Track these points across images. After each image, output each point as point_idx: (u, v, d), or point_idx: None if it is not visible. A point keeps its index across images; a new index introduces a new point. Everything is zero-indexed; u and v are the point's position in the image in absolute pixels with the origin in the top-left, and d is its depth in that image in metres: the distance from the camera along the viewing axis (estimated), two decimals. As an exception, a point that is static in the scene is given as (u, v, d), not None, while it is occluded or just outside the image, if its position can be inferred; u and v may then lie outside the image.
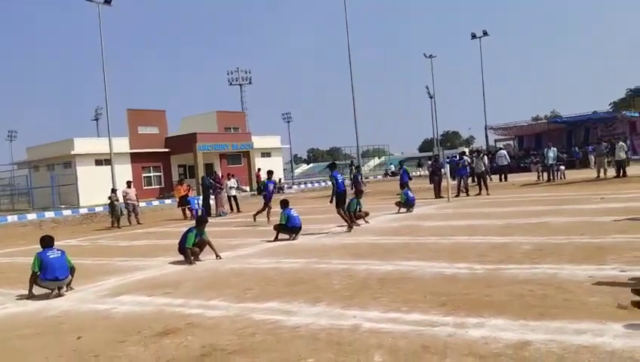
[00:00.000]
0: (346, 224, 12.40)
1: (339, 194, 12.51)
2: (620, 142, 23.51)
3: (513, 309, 5.12)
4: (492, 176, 25.36)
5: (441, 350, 4.22)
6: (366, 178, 43.45)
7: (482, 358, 3.97)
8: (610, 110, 53.05)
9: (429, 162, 21.66)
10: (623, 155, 22.63)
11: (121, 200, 20.17)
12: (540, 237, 9.15)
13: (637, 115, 38.35)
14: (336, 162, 21.08)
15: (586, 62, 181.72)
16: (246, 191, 41.83)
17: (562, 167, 25.86)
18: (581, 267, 6.64)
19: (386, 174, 55.76)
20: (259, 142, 49.34)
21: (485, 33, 50.31)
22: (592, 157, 29.89)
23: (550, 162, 24.36)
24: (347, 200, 13.25)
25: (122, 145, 40.09)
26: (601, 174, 22.83)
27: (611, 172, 23.02)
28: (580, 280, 6.00)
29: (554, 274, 6.37)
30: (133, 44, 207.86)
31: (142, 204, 25.17)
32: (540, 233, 9.64)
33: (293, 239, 11.64)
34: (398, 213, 15.53)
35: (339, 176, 12.78)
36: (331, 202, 12.62)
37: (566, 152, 33.80)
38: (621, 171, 22.35)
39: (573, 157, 33.79)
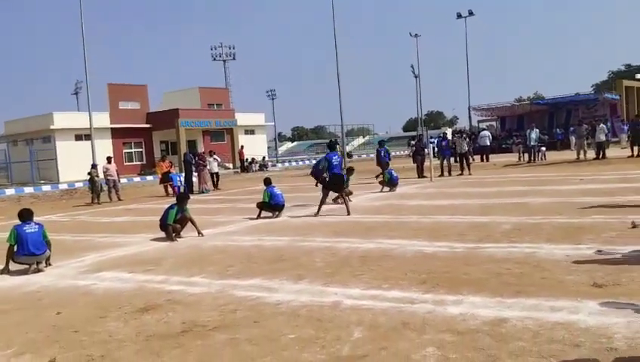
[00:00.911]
0: (317, 210, 11.52)
1: (333, 177, 11.58)
2: (601, 125, 23.80)
3: (491, 287, 5.20)
4: (474, 157, 25.58)
5: (420, 326, 4.28)
6: (349, 157, 43.43)
7: (460, 334, 4.04)
8: (593, 92, 53.48)
9: (412, 142, 21.68)
10: (603, 137, 22.92)
11: (101, 175, 19.96)
12: (519, 217, 9.27)
13: (618, 97, 38.75)
14: (324, 140, 20.42)
15: (570, 44, 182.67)
16: (229, 168, 41.70)
17: (543, 148, 26.13)
18: (559, 246, 6.75)
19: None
20: (243, 119, 48.99)
21: (471, 13, 50.23)
22: (572, 139, 30.22)
23: (532, 143, 24.59)
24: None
25: (103, 120, 39.51)
26: (581, 156, 23.13)
27: (591, 153, 23.33)
28: (557, 259, 6.11)
29: (531, 253, 6.48)
30: (115, 17, 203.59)
31: (123, 180, 24.95)
32: (519, 213, 9.77)
33: (276, 217, 11.65)
34: (382, 191, 15.61)
35: (334, 158, 11.66)
36: (316, 185, 12.01)
37: (547, 134, 34.11)
38: (601, 153, 22.66)
39: (555, 139, 34.14)
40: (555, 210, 9.83)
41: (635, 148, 22.31)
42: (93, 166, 20.37)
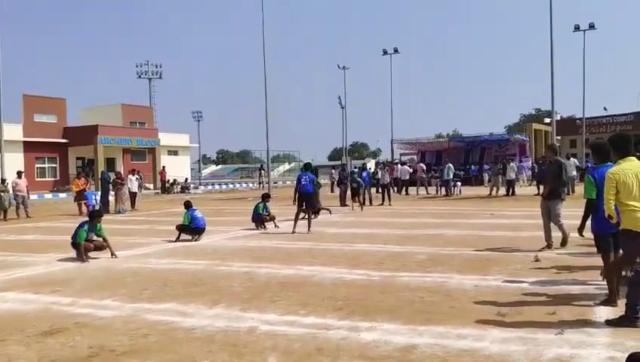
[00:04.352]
0: (293, 226, 12.66)
1: (302, 195, 12.81)
2: (511, 163, 25.37)
3: (404, 314, 5.38)
4: (394, 188, 26.30)
5: (334, 352, 4.35)
6: (274, 183, 43.45)
7: (371, 360, 4.15)
8: (505, 133, 56.97)
9: (332, 171, 22.02)
10: (512, 175, 24.47)
11: (10, 191, 18.79)
12: (433, 248, 9.65)
13: (527, 138, 41.55)
14: (249, 165, 20.42)
15: (488, 86, 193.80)
16: (149, 188, 40.44)
17: (459, 183, 27.38)
18: (468, 277, 7.10)
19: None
20: (166, 139, 47.94)
21: (396, 50, 52.21)
22: (485, 176, 31.90)
23: (447, 178, 25.72)
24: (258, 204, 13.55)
25: (15, 132, 37.34)
26: (494, 192, 24.46)
27: (502, 190, 24.72)
28: (466, 288, 6.42)
29: (443, 283, 6.76)
30: (34, 24, 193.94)
31: (33, 197, 23.61)
32: (434, 244, 10.17)
33: (195, 240, 11.43)
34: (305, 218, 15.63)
35: (304, 178, 12.95)
36: (294, 202, 12.95)
37: (463, 170, 35.76)
38: (510, 190, 24.11)
39: (470, 175, 35.84)
40: (467, 242, 10.32)
41: (541, 187, 23.89)
42: (2, 180, 19.17)
